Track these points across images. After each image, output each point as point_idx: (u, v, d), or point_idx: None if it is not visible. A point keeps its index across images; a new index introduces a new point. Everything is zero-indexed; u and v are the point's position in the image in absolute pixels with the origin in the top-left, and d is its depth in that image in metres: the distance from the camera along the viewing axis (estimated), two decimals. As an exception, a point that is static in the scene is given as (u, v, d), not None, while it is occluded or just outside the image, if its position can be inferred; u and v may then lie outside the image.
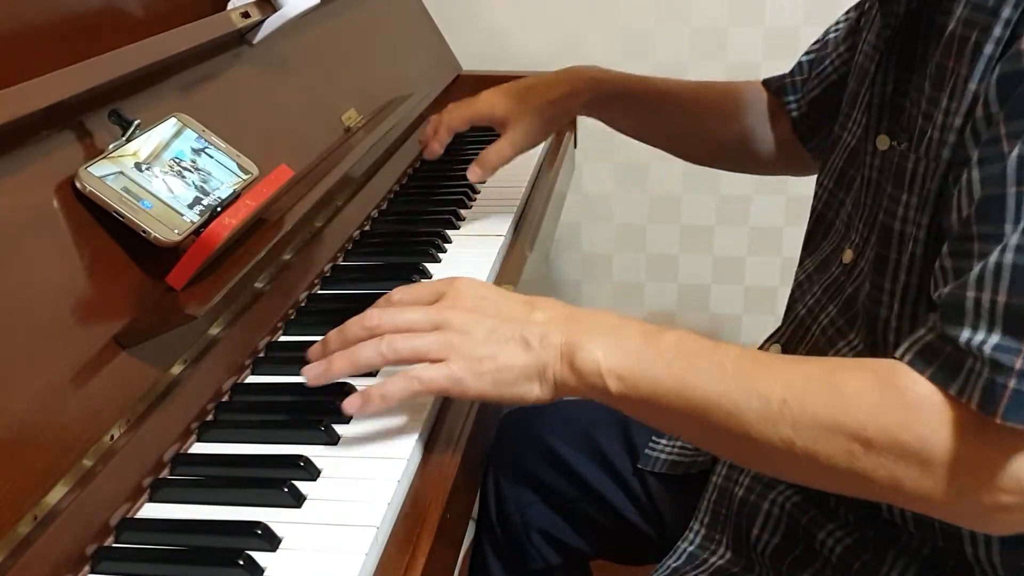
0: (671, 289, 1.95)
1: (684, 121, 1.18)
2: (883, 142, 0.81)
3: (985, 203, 0.63)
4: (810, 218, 0.95)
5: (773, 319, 1.92)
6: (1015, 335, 0.59)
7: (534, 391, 0.72)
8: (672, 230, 1.90)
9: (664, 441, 1.04)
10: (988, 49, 0.66)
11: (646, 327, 0.72)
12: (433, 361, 0.72)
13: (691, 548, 0.92)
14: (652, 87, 1.19)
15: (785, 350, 0.92)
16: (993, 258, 0.61)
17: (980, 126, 0.66)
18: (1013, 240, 0.60)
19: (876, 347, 0.79)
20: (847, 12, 1.02)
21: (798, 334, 0.90)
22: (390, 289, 0.98)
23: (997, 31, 0.65)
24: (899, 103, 0.80)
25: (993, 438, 0.61)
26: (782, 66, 1.10)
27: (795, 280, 0.95)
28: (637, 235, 1.91)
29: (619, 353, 0.70)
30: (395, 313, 0.74)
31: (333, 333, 0.76)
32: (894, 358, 0.65)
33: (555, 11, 1.79)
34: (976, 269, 0.62)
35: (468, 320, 0.72)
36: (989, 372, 0.60)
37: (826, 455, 0.64)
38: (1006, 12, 0.65)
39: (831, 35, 1.05)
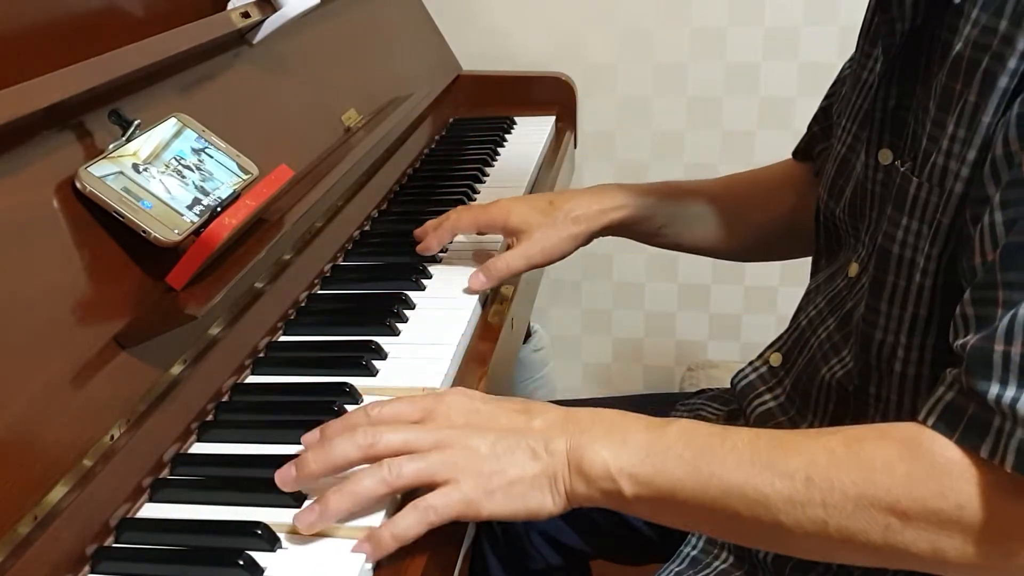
0: (671, 289, 1.95)
1: (721, 219, 1.09)
2: (885, 156, 0.80)
3: (1011, 250, 0.60)
4: (816, 229, 0.94)
5: (773, 319, 1.92)
6: None
7: (547, 503, 0.68)
8: (672, 230, 1.90)
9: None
10: (1003, 82, 0.64)
11: (649, 420, 0.69)
12: (438, 483, 0.66)
13: (694, 552, 0.92)
14: (682, 192, 1.10)
15: (785, 359, 0.91)
16: (1022, 310, 0.59)
17: (1000, 165, 0.64)
18: None
19: (868, 369, 0.79)
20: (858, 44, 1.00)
21: (798, 345, 0.89)
22: (390, 289, 0.99)
23: (1012, 63, 0.63)
24: (901, 116, 0.79)
25: None
26: (782, 66, 1.10)
27: (806, 289, 0.94)
28: (637, 235, 1.92)
29: (626, 451, 0.67)
30: (388, 431, 0.67)
31: (312, 456, 0.67)
32: (916, 421, 0.63)
33: (555, 11, 1.79)
34: (1005, 320, 0.59)
35: (467, 436, 0.67)
36: (1022, 431, 0.58)
37: (861, 532, 0.62)
38: (1022, 44, 0.63)
39: (845, 73, 1.03)
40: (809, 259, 0.98)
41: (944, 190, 0.69)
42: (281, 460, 0.73)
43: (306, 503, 0.69)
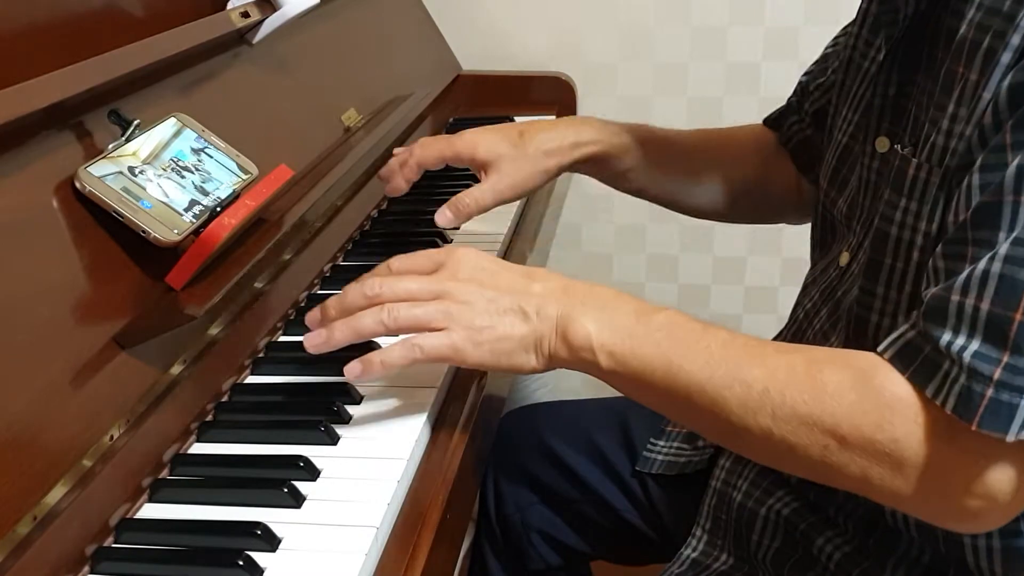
0: (671, 289, 1.95)
1: (691, 169, 1.10)
2: (883, 144, 0.80)
3: (982, 209, 0.63)
4: (813, 221, 0.95)
5: (774, 319, 1.92)
6: (995, 344, 0.60)
7: (530, 361, 0.73)
8: (672, 230, 1.90)
9: (661, 443, 1.04)
10: (1005, 58, 0.64)
11: (640, 305, 0.73)
12: (433, 330, 0.72)
13: (694, 555, 0.92)
14: (657, 138, 1.09)
15: None
16: (981, 265, 0.61)
17: (988, 132, 0.65)
18: (1003, 249, 0.60)
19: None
20: (845, 28, 0.99)
21: (797, 337, 0.90)
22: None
23: (1015, 39, 0.64)
24: (902, 104, 0.79)
25: (966, 444, 0.61)
26: (782, 66, 1.10)
27: (804, 282, 0.94)
28: (637, 235, 1.91)
29: (610, 329, 0.71)
30: (395, 282, 0.75)
31: (332, 300, 0.76)
32: (876, 352, 0.66)
33: (555, 11, 1.79)
34: (964, 273, 0.62)
35: (468, 290, 0.73)
36: (966, 379, 0.60)
37: (802, 446, 0.66)
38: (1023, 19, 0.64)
39: (829, 50, 1.02)
40: (806, 257, 0.98)
41: (943, 168, 0.70)
42: (281, 460, 0.73)
43: (305, 504, 0.69)
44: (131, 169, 0.80)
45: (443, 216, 0.98)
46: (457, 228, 1.08)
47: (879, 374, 0.65)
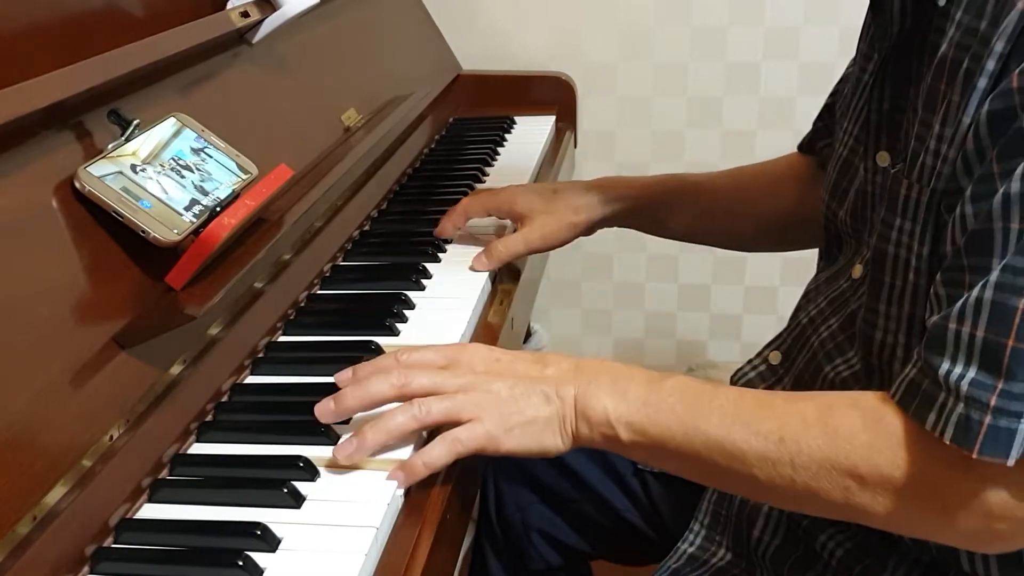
0: (671, 289, 1.95)
1: (727, 211, 1.12)
2: (884, 159, 0.81)
3: (974, 237, 0.64)
4: (822, 231, 0.95)
5: (774, 319, 1.92)
6: (989, 371, 0.61)
7: (557, 442, 0.75)
8: (672, 230, 1.90)
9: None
10: (981, 83, 0.66)
11: (649, 374, 0.75)
12: (463, 422, 0.73)
13: (691, 549, 0.92)
14: (687, 184, 1.13)
15: (785, 357, 0.91)
16: (975, 292, 0.62)
17: (972, 160, 0.66)
18: (993, 277, 0.61)
19: (872, 369, 0.79)
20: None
21: (798, 343, 0.89)
22: (390, 289, 0.99)
23: (990, 65, 0.65)
24: (897, 119, 0.80)
25: (974, 471, 0.63)
26: (782, 66, 1.09)
27: (806, 288, 0.94)
28: (637, 235, 1.90)
29: (625, 401, 0.73)
30: (420, 374, 0.75)
31: (350, 391, 0.75)
32: (885, 392, 0.68)
33: (555, 11, 1.79)
34: (960, 302, 0.63)
35: (489, 381, 0.75)
36: (964, 408, 0.61)
37: (824, 491, 0.67)
38: (999, 46, 0.65)
39: (849, 71, 1.03)
40: (810, 257, 0.98)
41: (932, 189, 0.71)
42: (281, 460, 0.73)
43: (305, 504, 0.69)
44: (131, 169, 0.80)
45: (479, 261, 1.05)
46: (451, 240, 1.12)
47: (886, 414, 0.66)
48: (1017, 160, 0.62)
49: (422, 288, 1.01)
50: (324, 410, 0.75)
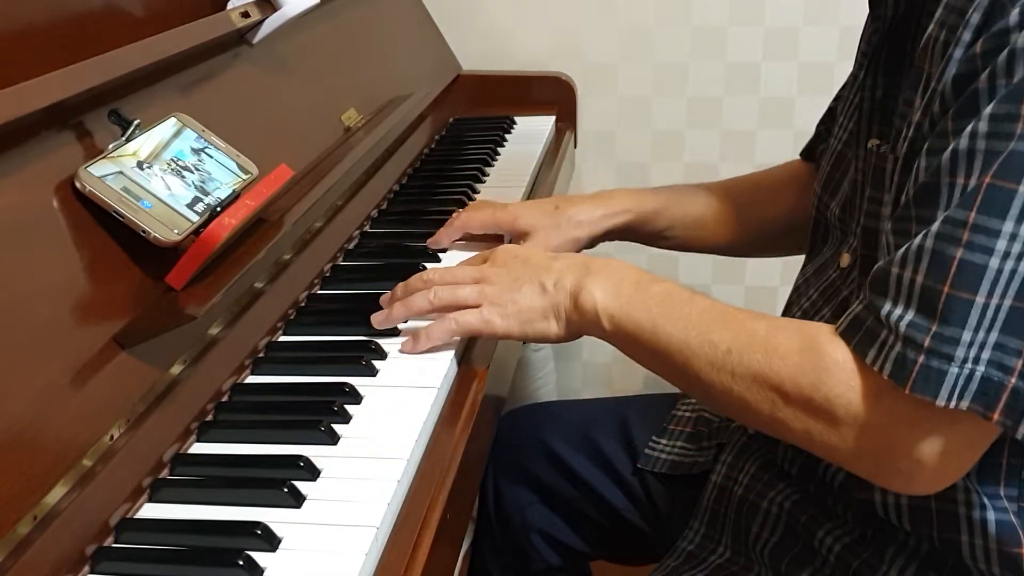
0: (671, 289, 1.95)
1: (728, 220, 1.14)
2: (874, 143, 0.81)
3: (923, 189, 0.68)
4: (810, 225, 0.95)
5: (773, 319, 1.92)
6: (926, 315, 0.65)
7: (552, 327, 0.85)
8: (672, 230, 1.90)
9: (664, 441, 1.04)
10: (957, 53, 0.68)
11: (643, 276, 0.83)
12: (469, 307, 0.85)
13: (690, 547, 0.92)
14: (689, 194, 1.14)
15: None
16: (917, 240, 0.66)
17: (936, 120, 0.70)
18: (935, 227, 0.66)
19: None
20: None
21: None
22: (389, 289, 0.99)
23: (965, 36, 0.68)
24: (889, 106, 0.81)
25: (897, 407, 0.67)
26: (782, 66, 1.09)
27: (795, 283, 0.95)
28: (637, 235, 1.91)
29: (613, 296, 0.82)
30: (446, 271, 0.90)
31: (400, 285, 0.91)
32: (832, 326, 0.73)
33: (555, 11, 1.79)
34: (903, 248, 0.67)
35: (499, 273, 0.87)
36: (901, 346, 0.66)
37: (755, 402, 0.74)
38: (974, 18, 0.67)
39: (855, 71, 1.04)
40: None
41: (905, 157, 0.73)
42: (281, 460, 0.73)
43: (305, 504, 0.69)
44: (131, 169, 0.80)
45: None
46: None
47: (824, 340, 0.71)
48: (968, 119, 0.66)
49: None
50: (379, 318, 0.90)
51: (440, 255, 1.09)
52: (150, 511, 0.70)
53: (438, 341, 0.86)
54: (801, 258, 0.98)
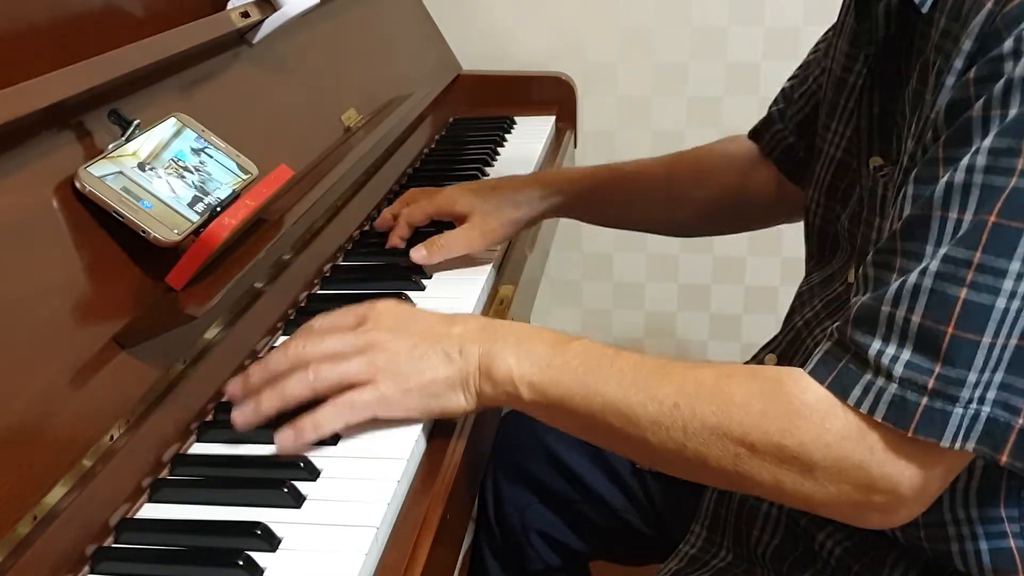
0: (671, 289, 1.95)
1: (663, 198, 1.15)
2: (876, 163, 0.81)
3: (912, 222, 0.65)
4: (807, 232, 0.95)
5: (773, 319, 1.91)
6: (926, 355, 0.63)
7: (460, 402, 0.75)
8: (672, 230, 1.90)
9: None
10: (949, 80, 0.66)
11: (556, 336, 0.76)
12: (362, 384, 0.73)
13: (693, 551, 0.92)
14: (622, 174, 1.15)
15: (780, 360, 0.91)
16: (912, 278, 0.64)
17: (928, 145, 0.67)
18: (933, 265, 0.63)
19: None
20: (825, 34, 1.00)
21: (794, 345, 0.89)
22: (389, 289, 0.99)
23: (958, 63, 0.66)
24: (888, 124, 0.81)
25: (880, 445, 0.65)
26: (782, 66, 1.10)
27: (798, 290, 0.94)
28: (637, 235, 1.91)
29: (529, 360, 0.74)
30: (318, 342, 0.76)
31: (254, 367, 0.76)
32: (788, 367, 0.69)
33: (555, 11, 1.79)
34: (895, 285, 0.64)
35: (390, 340, 0.75)
36: (899, 387, 0.63)
37: (715, 457, 0.68)
38: (967, 45, 0.65)
39: (811, 57, 1.03)
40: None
41: (897, 185, 0.71)
42: (280, 460, 0.73)
43: (305, 504, 0.69)
44: (131, 169, 0.80)
45: (418, 253, 1.04)
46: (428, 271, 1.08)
47: (788, 383, 0.68)
48: (963, 149, 0.63)
49: (422, 288, 1.01)
50: (233, 387, 0.76)
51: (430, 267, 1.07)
52: (150, 511, 0.70)
53: (328, 432, 0.73)
54: (802, 260, 0.98)
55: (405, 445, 0.74)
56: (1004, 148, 0.61)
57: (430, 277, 1.03)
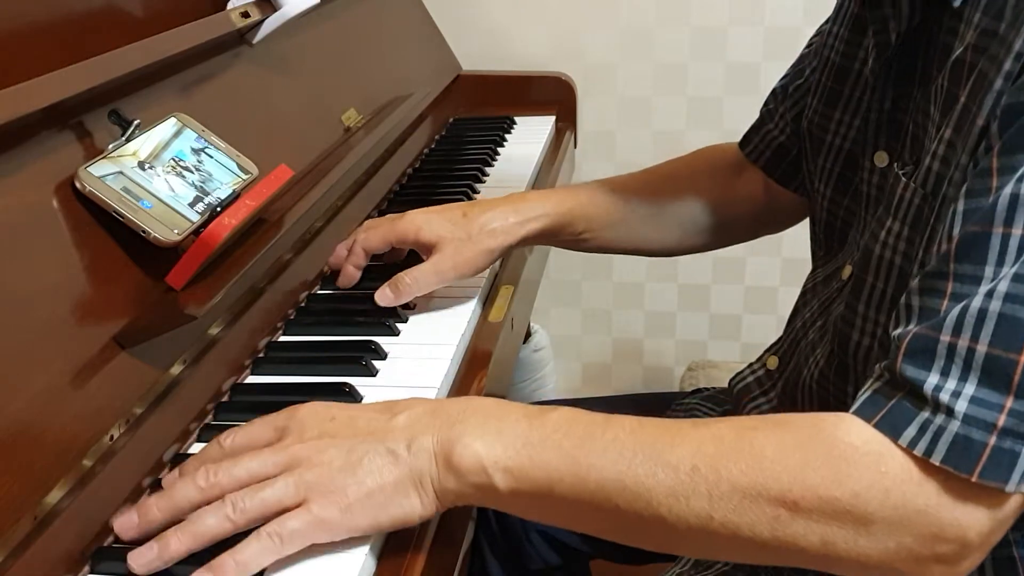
0: (671, 289, 1.95)
1: (644, 215, 1.05)
2: (881, 159, 0.79)
3: (968, 240, 0.58)
4: (813, 225, 0.93)
5: (774, 319, 1.92)
6: (995, 388, 0.56)
7: (416, 506, 0.63)
8: (672, 230, 1.90)
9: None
10: (998, 83, 0.61)
11: (528, 409, 0.65)
12: (290, 509, 0.61)
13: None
14: (605, 191, 1.04)
15: (781, 362, 0.91)
16: (976, 302, 0.57)
17: (980, 157, 0.62)
18: (1002, 287, 0.56)
19: (846, 369, 0.77)
20: (819, 28, 0.97)
21: (792, 347, 0.89)
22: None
23: (1007, 65, 0.60)
24: (899, 119, 0.78)
25: (946, 489, 0.57)
26: (782, 66, 1.09)
27: (803, 287, 0.93)
28: (637, 235, 1.92)
29: (500, 441, 0.62)
30: (232, 464, 0.63)
31: (153, 499, 0.64)
32: (814, 413, 0.62)
33: (555, 11, 1.79)
34: (955, 311, 0.58)
35: (319, 449, 0.63)
36: (962, 426, 0.56)
37: (747, 525, 0.58)
38: (1018, 44, 0.60)
39: (805, 51, 1.01)
40: (806, 257, 0.98)
41: (936, 195, 0.68)
42: (281, 460, 0.73)
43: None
44: (131, 169, 0.80)
45: (383, 295, 0.93)
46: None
47: (827, 427, 0.59)
48: (1021, 157, 0.57)
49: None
50: (125, 524, 0.63)
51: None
52: (150, 511, 0.70)
53: (255, 570, 0.60)
54: (802, 259, 0.97)
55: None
56: None
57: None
